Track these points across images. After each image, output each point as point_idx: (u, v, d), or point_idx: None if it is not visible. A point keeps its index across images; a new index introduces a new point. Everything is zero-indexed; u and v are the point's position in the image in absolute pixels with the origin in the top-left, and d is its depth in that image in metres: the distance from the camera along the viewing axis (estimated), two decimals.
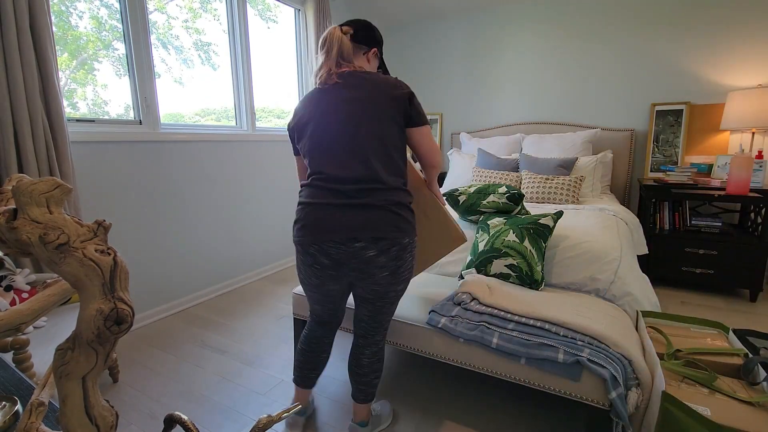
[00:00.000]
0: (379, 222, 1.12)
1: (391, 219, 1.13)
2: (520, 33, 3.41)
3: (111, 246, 0.41)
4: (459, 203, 1.90)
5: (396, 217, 1.14)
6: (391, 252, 1.14)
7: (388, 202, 1.13)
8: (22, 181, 0.41)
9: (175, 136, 2.34)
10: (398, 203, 1.15)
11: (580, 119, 3.28)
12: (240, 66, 2.83)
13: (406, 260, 1.18)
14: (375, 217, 1.12)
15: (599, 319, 1.29)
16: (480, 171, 3.00)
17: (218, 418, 1.50)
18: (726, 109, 2.64)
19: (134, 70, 2.18)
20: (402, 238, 1.15)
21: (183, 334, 2.14)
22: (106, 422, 0.42)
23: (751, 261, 2.38)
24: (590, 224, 1.89)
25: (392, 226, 1.13)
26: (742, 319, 2.21)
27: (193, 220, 2.50)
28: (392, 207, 1.14)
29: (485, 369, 1.32)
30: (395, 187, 1.16)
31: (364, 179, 1.12)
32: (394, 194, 1.15)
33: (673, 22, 2.85)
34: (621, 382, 1.09)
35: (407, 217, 1.17)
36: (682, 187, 2.59)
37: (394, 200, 1.14)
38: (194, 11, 2.56)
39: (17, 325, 0.50)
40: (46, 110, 1.71)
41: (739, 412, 1.00)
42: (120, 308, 0.38)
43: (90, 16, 2.05)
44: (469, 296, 1.45)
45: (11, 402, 0.63)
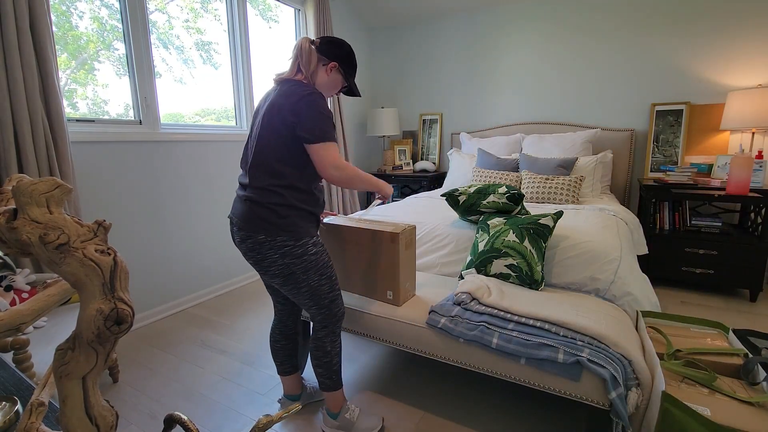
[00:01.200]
0: (243, 214, 1.26)
1: (247, 213, 1.25)
2: (520, 33, 3.41)
3: (111, 246, 0.41)
4: (459, 203, 1.90)
5: (250, 212, 1.24)
6: (247, 243, 1.25)
7: (251, 198, 1.25)
8: (22, 181, 0.41)
9: (175, 136, 2.34)
10: (259, 202, 1.23)
11: (580, 119, 3.28)
12: (240, 66, 2.83)
13: (267, 256, 1.24)
14: (243, 209, 1.26)
15: (599, 319, 1.29)
16: (480, 171, 3.00)
17: (218, 418, 1.50)
18: (726, 109, 2.64)
19: (134, 70, 2.18)
20: (255, 233, 1.23)
21: (183, 334, 2.14)
22: (106, 422, 0.42)
23: (751, 261, 2.38)
24: (590, 224, 1.89)
25: (245, 219, 1.24)
26: (742, 319, 2.21)
27: (194, 220, 2.50)
28: (254, 202, 1.24)
29: (485, 369, 1.32)
30: (262, 187, 1.24)
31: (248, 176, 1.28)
32: (260, 193, 1.24)
33: (674, 22, 2.85)
34: (621, 382, 1.09)
35: (264, 216, 1.23)
36: (682, 187, 2.59)
37: (256, 198, 1.24)
38: (195, 11, 2.56)
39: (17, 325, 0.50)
40: (46, 110, 1.71)
41: (739, 412, 0.99)
42: (120, 308, 0.38)
43: (90, 16, 2.05)
44: (469, 296, 1.45)
45: (11, 402, 0.63)
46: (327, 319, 1.36)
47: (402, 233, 1.45)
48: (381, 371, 1.77)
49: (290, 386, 1.54)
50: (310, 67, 1.32)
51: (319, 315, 1.35)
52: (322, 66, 1.34)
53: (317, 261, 1.29)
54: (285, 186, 1.24)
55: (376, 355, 1.90)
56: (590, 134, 3.02)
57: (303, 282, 1.28)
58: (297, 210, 1.26)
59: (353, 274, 1.60)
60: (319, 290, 1.31)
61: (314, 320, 1.37)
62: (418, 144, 4.06)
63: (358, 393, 1.63)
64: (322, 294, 1.32)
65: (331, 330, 1.37)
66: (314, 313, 1.35)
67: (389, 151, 4.06)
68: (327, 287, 1.33)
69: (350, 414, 1.40)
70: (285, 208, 1.24)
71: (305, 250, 1.26)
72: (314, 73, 1.33)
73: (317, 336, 1.37)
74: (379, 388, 1.66)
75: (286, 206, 1.24)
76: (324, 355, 1.37)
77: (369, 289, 1.58)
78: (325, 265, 1.32)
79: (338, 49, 1.35)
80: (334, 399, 1.40)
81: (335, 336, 1.39)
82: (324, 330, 1.37)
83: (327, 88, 1.38)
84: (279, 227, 1.23)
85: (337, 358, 1.40)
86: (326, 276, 1.32)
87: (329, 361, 1.37)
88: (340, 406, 1.40)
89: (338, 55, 1.35)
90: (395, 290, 1.51)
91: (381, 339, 1.52)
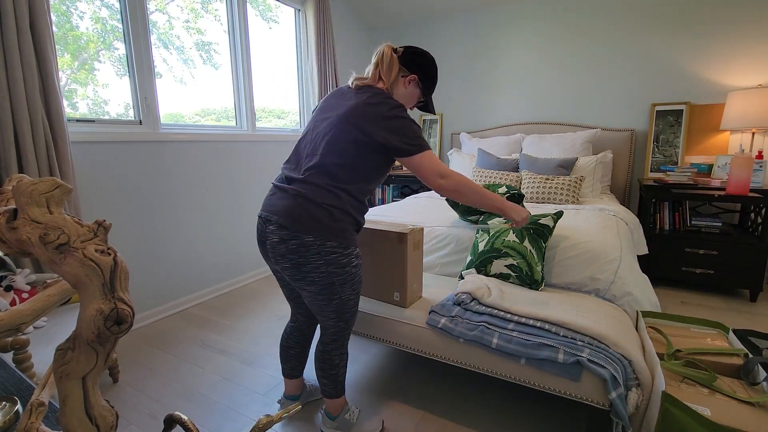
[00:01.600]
0: (289, 211, 1.15)
1: (296, 210, 1.14)
2: (520, 33, 3.41)
3: (111, 246, 0.41)
4: (459, 203, 1.90)
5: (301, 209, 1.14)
6: (289, 244, 1.14)
7: (303, 194, 1.15)
8: (22, 181, 0.41)
9: (175, 136, 2.34)
10: (313, 200, 1.14)
11: (580, 119, 3.28)
12: (240, 66, 2.83)
13: (310, 261, 1.14)
14: (291, 205, 1.15)
15: (599, 319, 1.29)
16: (480, 171, 3.00)
17: (218, 418, 1.50)
18: (726, 109, 2.64)
19: (134, 70, 2.18)
20: (303, 234, 1.13)
21: (183, 334, 2.14)
22: (106, 422, 0.42)
23: (751, 261, 2.38)
24: (590, 224, 1.89)
25: (292, 217, 1.14)
26: (742, 319, 2.21)
27: (194, 220, 2.50)
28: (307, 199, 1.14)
29: (485, 369, 1.32)
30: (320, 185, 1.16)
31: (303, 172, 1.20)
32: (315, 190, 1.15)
33: (674, 22, 2.85)
34: (621, 383, 1.09)
35: (318, 216, 1.14)
36: (682, 187, 2.59)
37: (311, 195, 1.15)
38: (195, 11, 2.56)
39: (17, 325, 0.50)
40: (46, 110, 1.71)
41: (739, 412, 0.99)
42: (120, 308, 0.38)
43: (91, 17, 2.05)
44: (469, 296, 1.45)
45: (11, 402, 0.63)
46: (340, 332, 1.31)
47: (410, 234, 1.44)
48: (381, 371, 1.77)
49: (293, 388, 1.53)
50: (391, 77, 1.25)
51: (335, 327, 1.29)
52: (401, 77, 1.27)
53: (355, 274, 1.23)
54: (345, 190, 1.18)
55: (376, 355, 1.90)
56: (590, 134, 3.02)
57: (337, 294, 1.21)
58: (350, 217, 1.20)
59: None
60: (347, 304, 1.26)
61: (327, 332, 1.31)
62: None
63: (358, 393, 1.63)
64: (347, 308, 1.27)
65: (341, 343, 1.33)
66: (331, 325, 1.29)
67: None
68: (353, 302, 1.28)
69: (350, 415, 1.40)
70: (340, 212, 1.17)
71: (350, 260, 1.19)
72: (394, 84, 1.27)
73: (326, 348, 1.33)
74: (379, 388, 1.66)
75: (341, 210, 1.17)
76: (331, 368, 1.34)
77: (376, 291, 1.57)
78: (359, 281, 1.26)
79: (421, 59, 1.28)
80: (334, 404, 1.38)
81: (344, 349, 1.35)
82: (334, 343, 1.32)
83: (404, 101, 1.30)
84: (331, 231, 1.14)
85: (343, 370, 1.37)
86: (356, 292, 1.27)
87: (335, 373, 1.34)
88: (340, 409, 1.39)
89: (421, 67, 1.28)
90: (402, 291, 1.50)
91: (381, 339, 1.52)
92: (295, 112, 3.48)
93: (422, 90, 1.31)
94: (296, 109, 3.47)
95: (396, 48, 1.28)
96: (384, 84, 1.25)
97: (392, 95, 1.26)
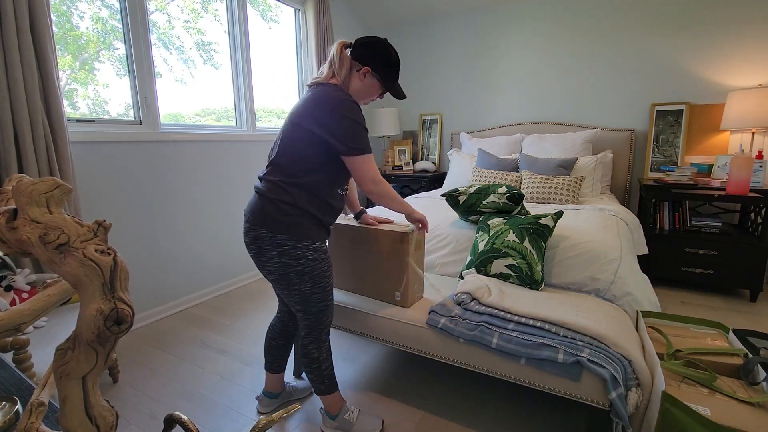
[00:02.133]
0: (251, 205, 1.27)
1: (254, 205, 1.26)
2: (520, 33, 3.41)
3: (111, 246, 0.41)
4: (459, 203, 1.89)
5: (257, 204, 1.25)
6: (249, 236, 1.26)
7: (260, 190, 1.26)
8: (22, 181, 0.41)
9: (175, 136, 2.34)
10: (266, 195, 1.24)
11: (580, 119, 3.28)
12: (240, 66, 2.83)
13: (266, 251, 1.23)
14: (253, 201, 1.28)
15: (599, 319, 1.29)
16: (480, 171, 3.00)
17: (218, 418, 1.50)
18: (726, 109, 2.64)
19: (134, 70, 2.18)
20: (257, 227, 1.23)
21: (183, 334, 2.14)
22: (106, 422, 0.42)
23: (751, 261, 2.38)
24: (590, 224, 1.89)
25: (251, 211, 1.26)
26: (742, 319, 2.21)
27: (194, 220, 2.50)
28: (262, 195, 1.25)
29: (485, 369, 1.32)
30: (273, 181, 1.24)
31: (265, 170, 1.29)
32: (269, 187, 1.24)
33: (674, 22, 2.85)
34: (621, 383, 1.09)
35: (268, 210, 1.22)
36: (682, 187, 2.59)
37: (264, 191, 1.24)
38: (195, 11, 2.56)
39: (17, 325, 0.50)
40: (46, 110, 1.71)
41: (739, 412, 0.99)
42: (120, 308, 0.38)
43: (91, 17, 2.05)
44: (468, 296, 1.45)
45: (11, 402, 0.63)
46: (312, 326, 1.34)
47: (412, 234, 1.44)
48: (381, 371, 1.77)
49: (273, 384, 1.54)
50: (343, 73, 1.25)
51: (305, 320, 1.33)
52: (355, 71, 1.26)
53: (314, 268, 1.26)
54: (296, 185, 1.22)
55: (376, 355, 1.90)
56: (590, 134, 3.02)
57: (295, 285, 1.26)
58: (302, 211, 1.23)
59: (361, 276, 1.59)
60: (309, 297, 1.29)
61: (300, 324, 1.35)
62: (418, 144, 4.06)
63: (358, 393, 1.63)
64: (311, 302, 1.30)
65: (316, 337, 1.35)
66: (301, 317, 1.33)
67: (389, 151, 4.07)
68: (318, 296, 1.30)
69: (349, 415, 1.40)
70: (290, 207, 1.22)
71: (303, 253, 1.23)
72: (347, 79, 1.27)
73: (304, 342, 1.36)
74: (379, 388, 1.66)
75: (291, 205, 1.22)
76: (312, 362, 1.36)
77: (377, 291, 1.57)
78: (321, 275, 1.28)
79: (370, 50, 1.24)
80: (330, 401, 1.39)
81: (321, 342, 1.36)
82: (309, 336, 1.35)
83: (362, 95, 1.30)
84: (280, 225, 1.21)
85: (327, 363, 1.38)
86: (320, 285, 1.29)
87: (318, 366, 1.36)
88: (338, 408, 1.40)
89: (370, 57, 1.25)
90: (404, 291, 1.50)
91: (381, 339, 1.52)
92: None
93: (380, 79, 1.28)
94: None
95: (349, 43, 1.28)
96: (337, 80, 1.26)
97: (348, 90, 1.27)
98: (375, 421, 1.42)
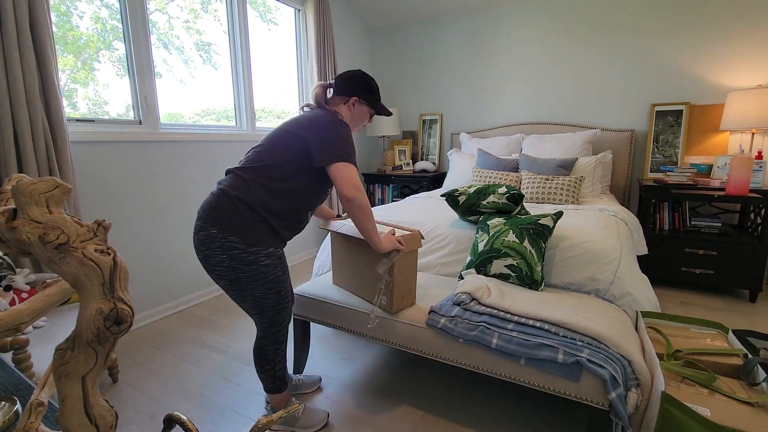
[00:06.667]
0: (206, 203, 1.22)
1: (210, 201, 1.21)
2: (520, 33, 3.41)
3: (111, 246, 0.41)
4: (459, 203, 1.90)
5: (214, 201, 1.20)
6: (199, 235, 1.21)
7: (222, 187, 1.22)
8: (21, 181, 0.41)
9: (174, 136, 2.34)
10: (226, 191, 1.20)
11: (580, 119, 3.28)
12: (240, 66, 2.83)
13: (215, 254, 1.18)
14: (209, 199, 1.23)
15: (599, 320, 1.29)
16: (480, 171, 3.00)
17: (218, 418, 1.50)
18: (726, 109, 2.64)
19: (134, 70, 2.18)
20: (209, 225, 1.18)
21: (183, 334, 2.14)
22: (105, 422, 0.42)
23: (751, 261, 2.38)
24: (590, 225, 1.89)
25: (205, 208, 1.21)
26: (741, 319, 2.21)
27: (193, 220, 2.50)
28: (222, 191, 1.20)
29: (485, 369, 1.32)
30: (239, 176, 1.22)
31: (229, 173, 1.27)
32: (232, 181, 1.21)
33: (673, 22, 2.85)
34: (621, 383, 1.09)
35: (224, 207, 1.18)
36: (681, 187, 2.59)
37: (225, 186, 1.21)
38: (195, 12, 2.56)
39: (17, 325, 0.50)
40: (46, 110, 1.71)
41: (739, 413, 1.00)
42: (120, 308, 0.38)
43: (91, 16, 2.05)
44: (468, 296, 1.45)
45: (11, 402, 0.63)
46: (269, 328, 1.33)
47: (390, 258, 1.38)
48: (381, 371, 1.77)
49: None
50: (332, 107, 1.35)
51: (260, 323, 1.33)
52: (343, 104, 1.36)
53: (267, 274, 1.23)
54: (269, 189, 1.21)
55: (376, 355, 1.90)
56: (590, 134, 3.02)
57: (247, 291, 1.24)
58: (260, 217, 1.21)
59: (357, 277, 1.59)
60: (263, 302, 1.27)
61: (257, 326, 1.35)
62: (418, 144, 4.06)
63: (358, 393, 1.63)
64: (266, 306, 1.28)
65: (272, 339, 1.34)
66: (257, 320, 1.33)
67: (389, 152, 4.07)
68: (273, 300, 1.28)
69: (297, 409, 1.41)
70: (247, 208, 1.19)
71: (256, 258, 1.20)
72: (338, 110, 1.35)
73: (259, 344, 1.35)
74: (379, 388, 1.66)
75: (249, 207, 1.19)
76: (266, 363, 1.36)
77: (367, 292, 1.57)
78: (275, 280, 1.26)
79: (353, 82, 1.35)
80: (278, 399, 1.42)
81: (278, 344, 1.36)
82: (265, 339, 1.34)
83: (354, 123, 1.39)
84: (234, 225, 1.18)
85: (280, 365, 1.39)
86: (274, 290, 1.27)
87: (272, 368, 1.37)
88: (285, 405, 1.43)
89: (356, 88, 1.35)
90: (389, 297, 1.49)
91: (381, 339, 1.52)
92: (295, 112, 3.48)
93: (367, 104, 1.38)
94: (296, 109, 3.48)
95: (329, 84, 1.38)
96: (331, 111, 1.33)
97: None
98: (320, 413, 1.44)
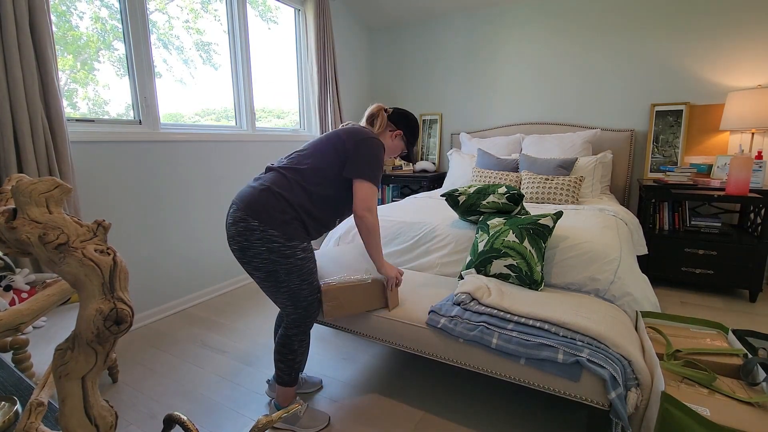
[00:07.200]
0: (247, 195, 1.27)
1: (253, 194, 1.26)
2: (519, 33, 3.41)
3: (110, 246, 0.41)
4: (459, 203, 1.90)
5: (258, 194, 1.26)
6: (238, 226, 1.24)
7: (264, 183, 1.28)
8: (21, 181, 0.41)
9: (174, 136, 2.34)
10: (269, 188, 1.26)
11: (579, 119, 3.28)
12: (240, 66, 2.83)
13: (254, 245, 1.23)
14: (251, 192, 1.28)
15: (599, 320, 1.29)
16: (480, 171, 3.00)
17: (218, 418, 1.50)
18: (725, 109, 2.64)
19: (134, 70, 2.18)
20: (251, 217, 1.22)
21: (183, 334, 2.14)
22: (105, 422, 0.42)
23: (751, 261, 2.38)
24: (590, 224, 1.89)
25: (247, 201, 1.25)
26: (741, 319, 2.21)
27: (193, 220, 2.50)
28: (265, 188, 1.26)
29: (485, 369, 1.32)
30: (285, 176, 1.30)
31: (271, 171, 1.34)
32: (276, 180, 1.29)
33: (673, 22, 2.85)
34: (620, 383, 1.09)
35: (269, 203, 1.24)
36: (681, 187, 2.59)
37: (269, 183, 1.28)
38: (195, 12, 2.56)
39: (17, 325, 0.50)
40: (46, 110, 1.71)
41: (739, 413, 1.00)
42: (119, 308, 0.38)
43: (90, 16, 2.05)
44: (468, 296, 1.45)
45: (11, 402, 0.63)
46: (301, 319, 1.38)
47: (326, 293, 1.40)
48: (381, 371, 1.77)
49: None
50: (379, 129, 1.48)
51: (294, 314, 1.37)
52: (389, 131, 1.50)
53: (302, 266, 1.30)
54: (308, 191, 1.30)
55: (376, 355, 1.90)
56: (590, 134, 3.02)
57: (284, 282, 1.29)
58: (297, 214, 1.28)
59: None
60: (299, 293, 1.33)
61: (288, 318, 1.38)
62: (418, 144, 4.06)
63: (358, 393, 1.63)
64: (301, 297, 1.34)
65: (302, 330, 1.39)
66: (290, 311, 1.37)
67: None
68: (307, 291, 1.35)
69: (299, 409, 1.42)
70: (288, 206, 1.26)
71: (293, 252, 1.27)
72: (381, 134, 1.49)
73: (287, 333, 1.39)
74: (379, 388, 1.66)
75: (291, 204, 1.27)
76: (290, 353, 1.39)
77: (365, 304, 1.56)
78: (309, 272, 1.33)
79: (406, 119, 1.52)
80: (285, 394, 1.43)
81: (304, 335, 1.41)
82: (295, 328, 1.38)
83: (390, 151, 1.53)
84: (275, 221, 1.24)
85: (301, 357, 1.42)
86: (308, 282, 1.34)
87: (293, 359, 1.40)
88: (289, 402, 1.44)
89: (406, 126, 1.51)
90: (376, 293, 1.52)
91: (381, 339, 1.52)
92: (295, 112, 3.48)
93: (406, 143, 1.54)
94: (296, 109, 3.47)
95: (386, 108, 1.51)
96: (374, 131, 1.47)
97: None
98: (321, 416, 1.45)
